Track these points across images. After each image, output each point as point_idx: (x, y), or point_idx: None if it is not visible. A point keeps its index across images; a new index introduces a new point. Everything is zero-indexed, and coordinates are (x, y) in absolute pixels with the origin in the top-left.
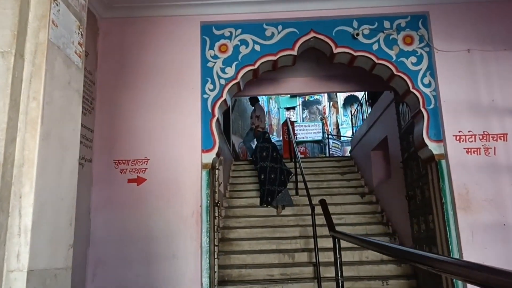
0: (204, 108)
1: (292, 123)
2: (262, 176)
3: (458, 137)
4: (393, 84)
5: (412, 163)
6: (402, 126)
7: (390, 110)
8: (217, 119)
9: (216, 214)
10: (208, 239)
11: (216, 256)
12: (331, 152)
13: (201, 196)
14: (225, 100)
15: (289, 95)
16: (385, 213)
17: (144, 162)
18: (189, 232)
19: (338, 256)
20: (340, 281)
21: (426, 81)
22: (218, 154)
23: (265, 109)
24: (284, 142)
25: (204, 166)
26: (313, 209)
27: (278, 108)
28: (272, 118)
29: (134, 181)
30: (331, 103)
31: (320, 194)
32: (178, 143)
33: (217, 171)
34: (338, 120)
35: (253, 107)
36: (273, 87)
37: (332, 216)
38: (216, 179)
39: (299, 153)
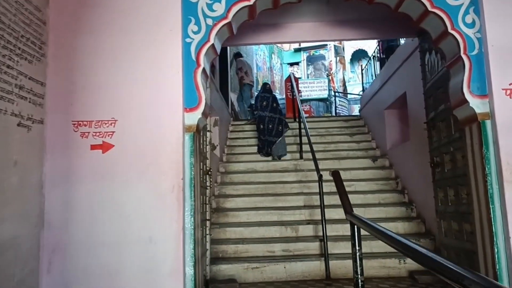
0: (187, 56)
1: (296, 79)
2: (261, 126)
3: (509, 92)
4: (425, 25)
5: (441, 124)
6: (429, 79)
7: (411, 61)
8: (203, 69)
9: (208, 184)
10: (192, 219)
11: (208, 232)
12: (337, 111)
13: (183, 166)
14: (213, 46)
15: (292, 49)
16: (400, 180)
17: (111, 124)
18: (169, 212)
19: (357, 248)
20: (359, 281)
21: (468, 19)
22: (205, 114)
23: (267, 65)
24: (287, 100)
25: (187, 128)
26: (320, 177)
27: (281, 64)
28: (274, 75)
29: (98, 147)
30: (338, 58)
31: (327, 158)
32: (153, 100)
33: (208, 133)
34: (345, 76)
35: (235, 63)
36: (274, 33)
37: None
38: (207, 143)
39: (303, 112)
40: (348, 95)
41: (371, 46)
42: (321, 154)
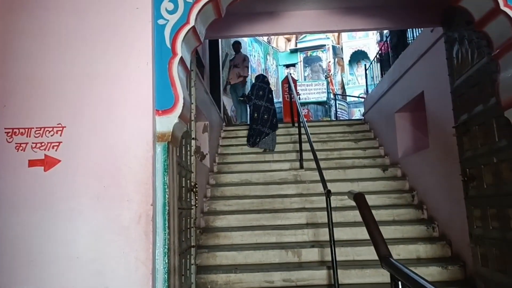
0: (159, 42)
1: (294, 80)
2: (256, 115)
3: None
4: (465, 3)
5: (477, 128)
6: (458, 75)
7: (431, 56)
8: (181, 60)
9: (193, 203)
10: (166, 259)
11: (193, 261)
12: (338, 115)
13: (153, 188)
14: (194, 29)
15: (288, 50)
16: (416, 193)
17: (56, 132)
18: (134, 250)
19: None
20: None
21: None
22: (184, 118)
23: (262, 66)
24: (285, 103)
25: (159, 137)
26: (328, 193)
27: (276, 66)
28: (270, 77)
29: (39, 163)
30: (336, 59)
31: (330, 167)
32: (113, 100)
33: (194, 142)
34: (344, 79)
35: (234, 55)
36: (271, 23)
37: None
38: (193, 153)
39: (303, 116)
40: (348, 98)
41: (371, 46)
42: (324, 162)
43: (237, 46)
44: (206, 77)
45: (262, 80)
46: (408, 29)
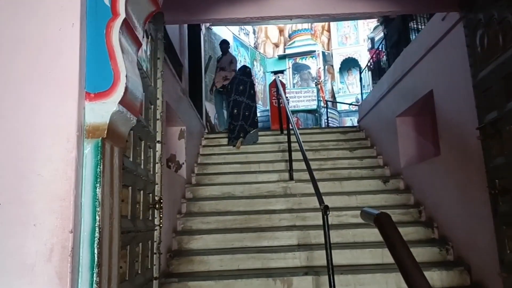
0: None
1: (283, 84)
2: (235, 111)
3: None
4: None
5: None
6: (483, 65)
7: (443, 47)
8: (126, 23)
9: (157, 223)
10: None
11: None
12: (329, 124)
13: (75, 206)
14: None
15: (277, 57)
16: (424, 208)
17: None
18: None
19: None
20: None
21: None
22: (129, 106)
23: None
24: (272, 109)
25: (89, 131)
26: (325, 209)
27: (264, 72)
28: (257, 84)
29: None
30: (326, 67)
31: (324, 178)
32: (21, 76)
33: (159, 146)
34: (334, 87)
35: (221, 56)
36: (259, 5)
37: (347, 213)
38: (158, 160)
39: (294, 123)
40: (339, 106)
41: (362, 54)
42: (316, 173)
43: (224, 46)
44: (184, 79)
45: (243, 72)
46: (410, 24)
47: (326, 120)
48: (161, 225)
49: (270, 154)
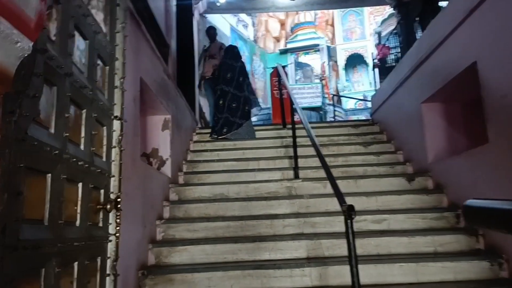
0: None
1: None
2: (221, 102)
3: None
4: None
5: None
6: None
7: (492, 6)
8: None
9: (112, 231)
10: None
11: None
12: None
13: None
14: None
15: (278, 51)
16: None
17: None
18: None
19: None
20: None
21: None
22: (8, 14)
23: (247, 68)
24: (274, 101)
25: None
26: (349, 212)
27: (264, 68)
28: (256, 80)
29: None
30: (331, 63)
31: (336, 176)
32: None
33: (116, 123)
34: (338, 85)
35: (209, 44)
36: None
37: (367, 217)
38: (117, 142)
39: (300, 112)
40: (344, 105)
41: (369, 49)
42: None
43: (212, 31)
44: (171, 63)
45: (231, 54)
46: None
47: (333, 118)
48: (118, 234)
49: (271, 150)
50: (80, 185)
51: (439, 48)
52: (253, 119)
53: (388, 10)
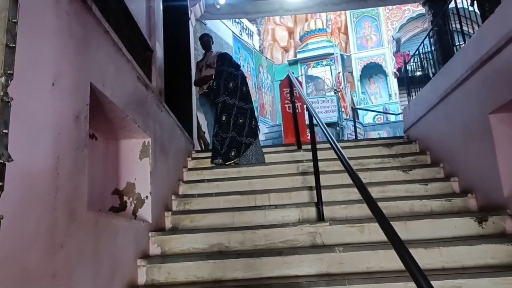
0: None
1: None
2: (224, 118)
3: None
4: None
5: None
6: None
7: None
8: None
9: None
10: None
11: None
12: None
13: None
14: None
15: (286, 62)
16: None
17: None
18: None
19: None
20: None
21: None
22: None
23: (253, 80)
24: (285, 115)
25: None
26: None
27: (272, 81)
28: (263, 94)
29: None
30: (345, 74)
31: (369, 216)
32: None
33: None
34: (354, 98)
35: (204, 54)
36: None
37: (434, 283)
38: None
39: (325, 129)
40: (361, 119)
41: (387, 58)
42: (358, 206)
43: (206, 39)
44: (156, 71)
45: (229, 63)
46: None
47: (351, 135)
48: None
49: (285, 179)
50: None
51: None
52: (260, 137)
53: (407, 14)
